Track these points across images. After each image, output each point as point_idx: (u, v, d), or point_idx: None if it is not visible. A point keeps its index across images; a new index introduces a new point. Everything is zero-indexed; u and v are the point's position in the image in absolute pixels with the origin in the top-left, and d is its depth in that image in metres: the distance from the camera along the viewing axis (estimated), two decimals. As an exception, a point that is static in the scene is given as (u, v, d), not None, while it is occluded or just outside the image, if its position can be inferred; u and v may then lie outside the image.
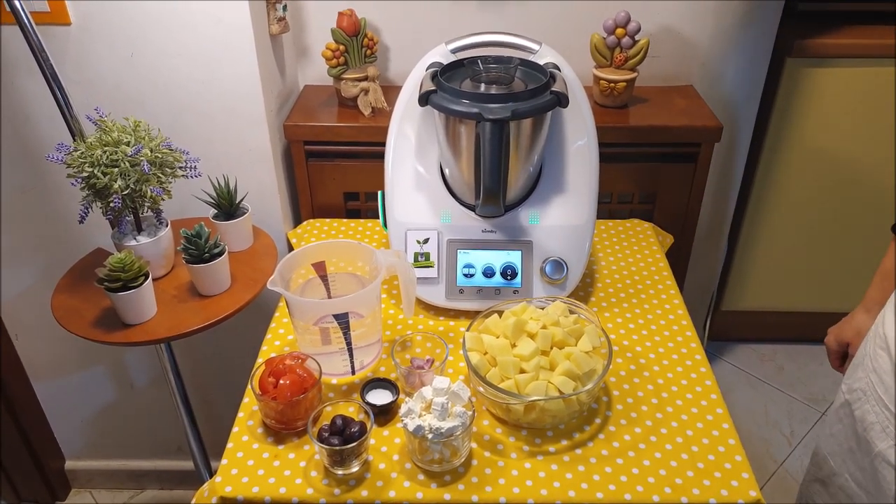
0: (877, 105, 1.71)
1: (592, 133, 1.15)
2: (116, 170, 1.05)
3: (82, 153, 1.05)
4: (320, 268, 1.09)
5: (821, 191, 1.86)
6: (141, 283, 1.05)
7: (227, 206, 1.24)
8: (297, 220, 1.51)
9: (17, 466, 1.69)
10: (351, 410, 0.94)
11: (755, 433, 1.93)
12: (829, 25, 1.69)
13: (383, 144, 1.19)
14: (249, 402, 1.00)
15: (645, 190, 1.47)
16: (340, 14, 1.37)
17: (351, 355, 1.02)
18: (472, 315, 1.12)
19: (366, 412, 0.91)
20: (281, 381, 0.93)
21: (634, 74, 1.41)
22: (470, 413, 0.89)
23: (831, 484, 0.99)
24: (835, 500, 0.99)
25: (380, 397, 0.98)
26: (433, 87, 1.05)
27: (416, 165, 1.17)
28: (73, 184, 1.06)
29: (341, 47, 1.38)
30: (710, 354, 2.16)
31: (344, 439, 0.87)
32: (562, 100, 1.03)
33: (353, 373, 1.04)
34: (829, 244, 1.95)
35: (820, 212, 1.89)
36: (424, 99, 1.04)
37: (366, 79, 1.41)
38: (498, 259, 1.14)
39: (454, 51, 1.14)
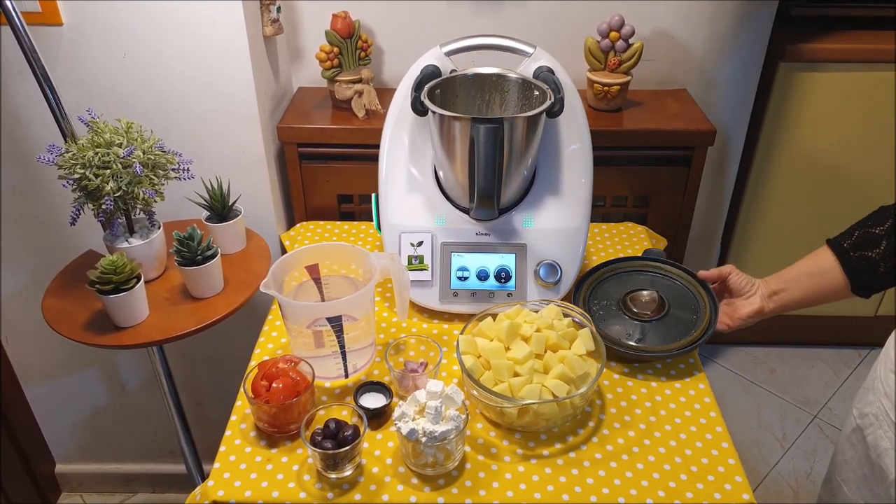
0: (869, 109, 1.72)
1: (586, 136, 1.16)
2: (108, 171, 1.04)
3: (74, 154, 1.04)
4: (314, 270, 1.08)
5: (813, 194, 1.87)
6: (133, 286, 1.05)
7: (220, 208, 1.23)
8: (291, 223, 1.51)
9: (7, 470, 1.68)
10: (344, 414, 0.94)
11: (748, 436, 1.94)
12: (822, 30, 1.70)
13: (377, 147, 1.18)
14: (242, 406, 1.00)
15: (638, 193, 1.47)
16: (334, 16, 1.37)
17: (344, 358, 1.02)
18: (465, 318, 1.12)
19: (359, 416, 0.91)
20: (274, 385, 0.93)
21: (628, 78, 1.42)
22: (463, 416, 0.88)
23: None
24: None
25: (373, 401, 0.98)
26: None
27: (410, 168, 1.17)
28: (64, 185, 1.06)
29: (335, 49, 1.38)
30: (702, 357, 2.17)
31: (337, 443, 0.87)
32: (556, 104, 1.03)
33: (347, 376, 1.04)
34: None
35: (812, 215, 1.90)
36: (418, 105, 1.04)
37: (360, 81, 1.41)
38: (492, 262, 1.13)
39: (448, 53, 1.14)
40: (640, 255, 1.22)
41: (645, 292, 1.11)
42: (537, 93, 1.10)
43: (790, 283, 1.03)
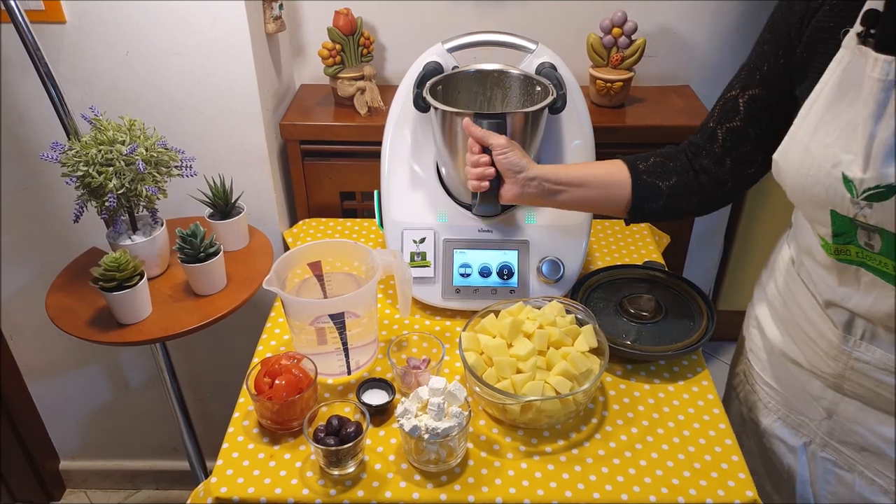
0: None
1: (589, 133, 1.15)
2: (111, 169, 1.04)
3: (77, 152, 1.04)
4: (316, 267, 1.08)
5: (817, 191, 1.86)
6: (136, 283, 1.05)
7: (223, 205, 1.23)
8: (293, 220, 1.51)
9: (12, 467, 1.69)
10: (347, 411, 0.94)
11: (751, 433, 1.93)
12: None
13: (379, 144, 1.18)
14: (245, 403, 1.00)
15: (641, 190, 1.46)
16: (337, 13, 1.37)
17: (347, 355, 1.02)
18: (468, 315, 1.12)
19: (362, 412, 0.91)
20: (276, 382, 0.93)
21: (631, 74, 1.41)
22: (466, 413, 0.88)
23: None
24: None
25: (376, 397, 0.98)
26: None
27: (413, 165, 1.17)
28: (67, 183, 1.06)
29: (337, 46, 1.38)
30: (706, 354, 2.16)
31: (340, 440, 0.87)
32: (558, 100, 1.03)
33: (349, 373, 1.04)
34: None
35: (816, 212, 1.89)
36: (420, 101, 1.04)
37: (362, 78, 1.40)
38: (494, 259, 1.13)
39: (451, 50, 1.14)
40: (640, 263, 1.23)
41: (643, 296, 1.11)
42: (539, 89, 1.10)
43: (574, 186, 0.97)
